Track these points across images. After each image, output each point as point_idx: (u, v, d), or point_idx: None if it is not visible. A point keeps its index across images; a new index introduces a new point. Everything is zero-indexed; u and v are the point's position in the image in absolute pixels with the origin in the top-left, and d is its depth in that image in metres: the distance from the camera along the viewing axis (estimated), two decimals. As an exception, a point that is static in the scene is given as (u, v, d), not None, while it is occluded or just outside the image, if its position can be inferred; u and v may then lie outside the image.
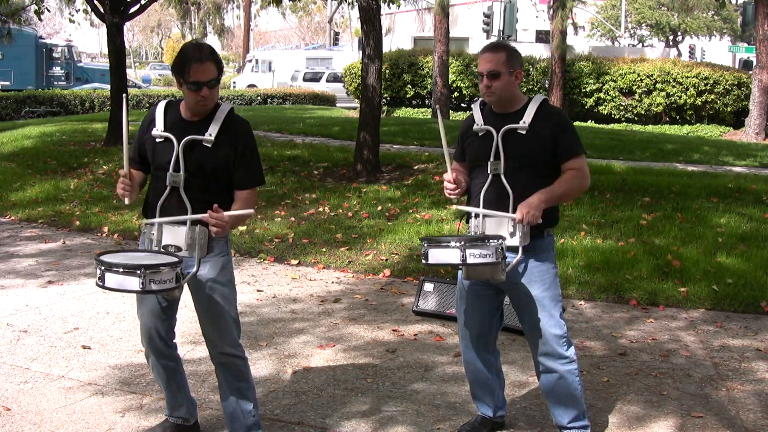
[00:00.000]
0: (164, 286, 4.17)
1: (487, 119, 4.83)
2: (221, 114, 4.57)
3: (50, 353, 6.36)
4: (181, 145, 4.50)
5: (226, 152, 4.53)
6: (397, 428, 5.23)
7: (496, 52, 4.74)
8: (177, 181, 4.50)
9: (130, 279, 4.09)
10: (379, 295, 8.13)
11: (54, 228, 10.89)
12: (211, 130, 4.52)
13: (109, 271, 4.13)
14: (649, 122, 28.09)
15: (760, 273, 8.41)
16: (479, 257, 4.41)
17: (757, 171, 14.17)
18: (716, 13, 64.07)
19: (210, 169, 4.52)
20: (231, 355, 4.72)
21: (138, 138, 4.75)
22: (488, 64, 4.71)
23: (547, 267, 4.79)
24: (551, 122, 4.72)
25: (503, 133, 4.72)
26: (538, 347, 4.83)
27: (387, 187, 12.14)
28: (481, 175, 4.83)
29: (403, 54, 32.44)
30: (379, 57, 12.93)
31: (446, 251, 4.45)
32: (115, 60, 16.37)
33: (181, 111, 4.63)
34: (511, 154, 4.70)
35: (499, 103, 4.81)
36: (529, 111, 4.73)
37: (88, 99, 31.26)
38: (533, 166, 4.72)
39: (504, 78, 4.71)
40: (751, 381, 6.10)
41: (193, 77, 4.39)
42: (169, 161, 4.52)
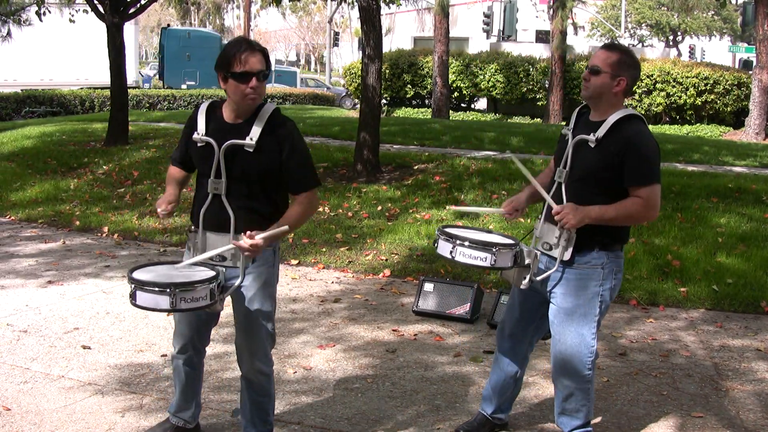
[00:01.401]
0: (197, 304, 4.11)
1: (580, 125, 4.68)
2: (264, 115, 4.34)
3: (50, 353, 6.36)
4: (222, 150, 4.30)
5: (270, 157, 4.31)
6: (396, 428, 5.23)
7: (609, 50, 4.57)
8: (218, 188, 4.34)
9: (161, 298, 4.04)
10: (379, 295, 8.13)
11: (54, 228, 10.89)
12: (252, 134, 4.29)
13: (140, 289, 4.09)
14: (649, 122, 27.93)
15: (760, 273, 8.41)
16: (504, 262, 4.48)
17: (757, 171, 14.16)
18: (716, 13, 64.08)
19: (255, 175, 4.33)
20: (258, 371, 4.63)
21: (182, 139, 4.63)
22: (595, 59, 4.55)
23: (586, 284, 4.61)
24: (622, 141, 4.45)
25: (575, 142, 4.61)
26: (554, 362, 4.77)
27: (387, 187, 12.13)
28: (550, 177, 4.83)
29: (403, 54, 32.44)
30: (379, 57, 12.92)
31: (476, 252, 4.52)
32: (115, 60, 16.36)
33: (224, 113, 4.42)
34: (576, 164, 4.60)
35: (593, 104, 4.64)
36: (605, 124, 4.50)
37: (88, 99, 31.24)
38: (592, 181, 4.55)
39: (604, 78, 4.50)
40: (751, 381, 6.10)
41: (242, 67, 4.21)
42: (210, 167, 4.35)
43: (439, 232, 4.64)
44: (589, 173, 4.54)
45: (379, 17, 13.00)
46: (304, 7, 77.51)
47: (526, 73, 29.38)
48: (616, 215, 4.47)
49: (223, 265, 4.39)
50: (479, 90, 30.39)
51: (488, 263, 4.46)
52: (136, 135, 17.06)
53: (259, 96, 4.27)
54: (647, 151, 4.47)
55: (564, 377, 4.72)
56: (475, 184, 12.08)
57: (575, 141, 4.58)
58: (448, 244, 4.51)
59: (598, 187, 4.54)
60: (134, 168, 13.85)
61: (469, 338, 6.96)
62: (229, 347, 6.53)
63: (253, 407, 4.72)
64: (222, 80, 4.31)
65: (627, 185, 4.46)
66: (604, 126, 4.49)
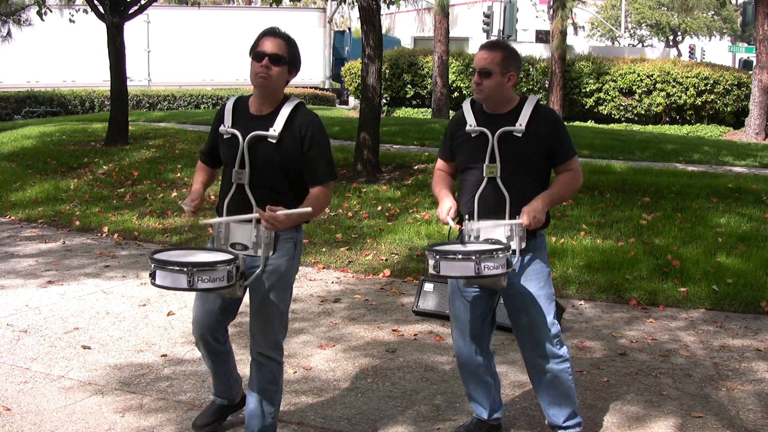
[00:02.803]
0: (214, 284, 4.17)
1: (480, 120, 4.75)
2: (287, 108, 4.50)
3: (50, 353, 6.36)
4: (246, 140, 4.46)
5: (291, 148, 4.46)
6: (396, 428, 5.23)
7: (492, 50, 4.67)
8: (242, 178, 4.49)
9: (179, 276, 4.11)
10: (379, 295, 8.13)
11: (54, 228, 10.90)
12: (276, 126, 4.45)
13: (160, 268, 4.16)
14: (649, 122, 28.09)
15: (760, 273, 8.41)
16: (493, 269, 4.38)
17: (757, 171, 14.16)
18: (716, 13, 64.05)
19: (276, 166, 4.46)
20: (269, 358, 4.68)
21: (211, 132, 4.77)
22: (482, 61, 4.64)
23: (541, 266, 4.78)
24: (547, 125, 4.67)
25: (499, 135, 4.66)
26: (532, 348, 4.83)
27: (387, 187, 12.14)
28: (473, 176, 4.79)
29: (403, 54, 32.44)
30: (379, 57, 12.93)
31: (460, 264, 4.39)
32: (115, 60, 16.36)
33: (249, 106, 4.59)
34: (508, 157, 4.66)
35: (489, 103, 4.74)
36: (524, 113, 4.66)
37: (87, 99, 31.23)
38: (530, 169, 4.70)
39: (496, 78, 4.63)
40: (751, 381, 6.10)
41: (259, 48, 4.41)
42: (234, 157, 4.50)
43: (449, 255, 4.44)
44: (525, 163, 4.67)
45: (379, 17, 13.00)
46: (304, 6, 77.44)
47: (526, 73, 29.39)
48: (561, 195, 4.78)
49: (245, 254, 4.48)
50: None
51: (505, 269, 4.44)
52: (136, 135, 17.06)
53: (269, 77, 4.39)
54: (564, 127, 4.81)
55: (542, 361, 4.81)
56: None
57: (499, 134, 4.65)
58: (470, 262, 4.37)
59: (534, 174, 4.71)
60: (134, 168, 13.85)
61: (469, 338, 6.96)
62: (229, 347, 6.53)
63: (261, 395, 4.71)
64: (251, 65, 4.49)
65: (558, 163, 4.75)
66: (523, 115, 4.65)
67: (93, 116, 24.44)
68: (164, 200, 11.92)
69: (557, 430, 4.95)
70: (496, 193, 4.67)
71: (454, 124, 4.92)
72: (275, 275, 4.54)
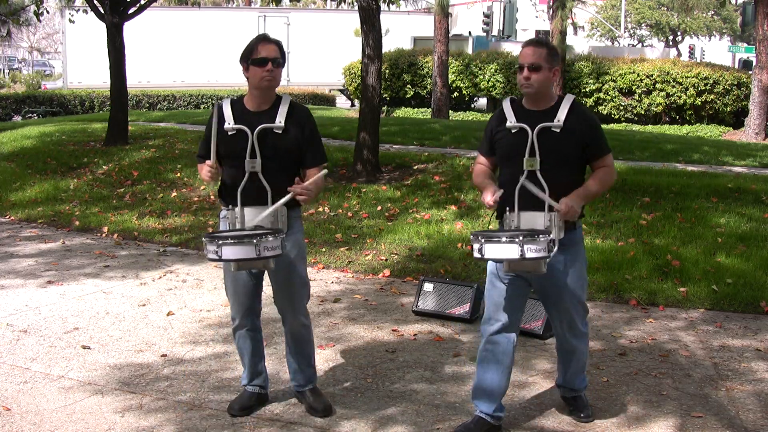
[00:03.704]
0: (274, 252, 4.73)
1: (519, 116, 5.04)
2: (285, 104, 5.13)
3: (50, 353, 6.36)
4: (255, 134, 5.02)
5: (295, 136, 5.09)
6: (396, 428, 5.24)
7: (539, 46, 4.97)
8: (255, 166, 5.02)
9: (248, 248, 4.62)
10: (379, 295, 8.13)
11: (53, 228, 10.90)
12: (279, 118, 5.07)
13: (225, 244, 4.64)
14: (648, 122, 28.08)
15: (759, 273, 8.41)
16: (535, 252, 4.61)
17: (756, 171, 14.15)
18: (716, 13, 64.11)
19: (283, 152, 5.07)
20: (301, 325, 5.37)
21: (207, 136, 5.15)
22: (530, 57, 4.94)
23: (580, 258, 5.12)
24: (583, 122, 4.99)
25: (538, 130, 4.94)
26: (568, 329, 5.23)
27: (387, 187, 12.13)
28: (512, 170, 5.03)
29: (402, 54, 32.43)
30: (379, 57, 12.92)
31: (504, 247, 4.63)
32: (115, 60, 16.37)
33: (246, 105, 5.15)
34: (547, 151, 4.94)
35: (534, 97, 5.02)
36: (562, 110, 4.97)
37: (87, 99, 31.25)
38: (566, 163, 4.99)
39: (544, 72, 4.93)
40: (751, 381, 6.10)
41: (261, 54, 4.98)
42: (244, 149, 5.03)
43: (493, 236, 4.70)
44: (563, 157, 4.96)
45: (378, 17, 13.00)
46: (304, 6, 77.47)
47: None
48: (597, 190, 5.08)
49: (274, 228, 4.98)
50: (479, 90, 30.39)
51: (547, 253, 4.68)
52: (136, 135, 17.06)
53: (273, 79, 5.02)
54: (600, 125, 5.16)
55: (572, 338, 5.25)
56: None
57: (538, 130, 4.93)
58: (514, 245, 4.60)
59: (571, 167, 5.02)
60: (134, 168, 13.85)
61: (469, 338, 6.96)
62: (229, 347, 6.54)
63: (300, 358, 5.44)
64: (245, 69, 5.08)
65: (593, 159, 5.07)
66: (561, 112, 4.97)
67: (92, 116, 24.44)
68: (164, 200, 11.92)
69: (570, 390, 5.45)
70: (536, 185, 4.91)
71: (494, 121, 5.20)
72: (295, 248, 5.18)
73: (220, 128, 5.07)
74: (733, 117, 28.14)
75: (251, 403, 5.44)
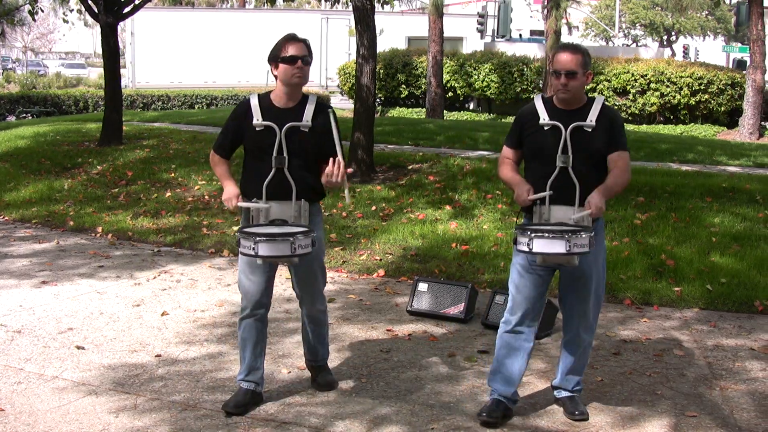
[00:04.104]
0: (305, 250, 5.00)
1: (552, 114, 5.27)
2: (311, 102, 5.36)
3: (44, 354, 6.35)
4: (283, 131, 5.23)
5: (321, 134, 5.31)
6: (391, 428, 5.24)
7: (574, 53, 5.19)
8: (282, 162, 5.23)
9: (281, 246, 4.91)
10: (373, 295, 8.13)
11: (48, 228, 10.88)
12: (306, 117, 5.29)
13: (263, 242, 4.91)
14: (643, 122, 28.10)
15: (753, 272, 8.42)
16: (580, 248, 4.90)
17: (751, 171, 14.17)
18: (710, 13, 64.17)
19: (309, 150, 5.29)
20: (319, 311, 5.70)
21: (232, 129, 5.43)
22: (568, 64, 5.15)
23: (602, 248, 5.38)
24: (611, 121, 5.23)
25: (572, 129, 5.18)
26: (581, 322, 5.39)
27: (381, 187, 12.13)
28: (542, 165, 5.24)
29: (397, 54, 32.44)
30: (374, 57, 12.92)
31: (553, 242, 4.88)
32: (109, 60, 16.35)
33: (273, 101, 5.35)
34: (579, 149, 5.17)
35: (569, 101, 5.24)
36: (593, 110, 5.22)
37: (81, 99, 31.22)
38: (596, 161, 5.21)
39: (579, 78, 5.17)
40: (745, 380, 6.11)
41: (289, 52, 5.19)
42: (271, 146, 5.23)
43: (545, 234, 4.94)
44: (593, 155, 5.19)
45: (373, 17, 13.00)
46: (298, 6, 77.46)
47: (520, 73, 29.39)
48: (618, 186, 5.24)
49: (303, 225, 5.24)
50: (473, 90, 30.40)
51: (587, 248, 4.95)
52: (130, 135, 17.04)
53: (303, 76, 5.24)
54: (623, 124, 5.37)
55: (584, 333, 5.42)
56: (469, 184, 12.08)
57: (571, 128, 5.17)
58: (562, 240, 4.87)
59: (599, 165, 5.22)
60: (128, 168, 13.83)
61: (464, 338, 6.96)
62: (223, 347, 6.54)
63: (315, 337, 5.77)
64: (274, 68, 5.27)
65: (610, 151, 5.21)
66: (593, 112, 5.21)
67: (87, 116, 24.40)
68: (158, 200, 11.91)
69: (565, 391, 5.52)
70: (567, 181, 5.16)
71: (525, 116, 5.41)
72: (317, 240, 5.28)
73: (248, 123, 5.30)
74: (728, 117, 28.19)
75: (246, 400, 5.44)
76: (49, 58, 73.90)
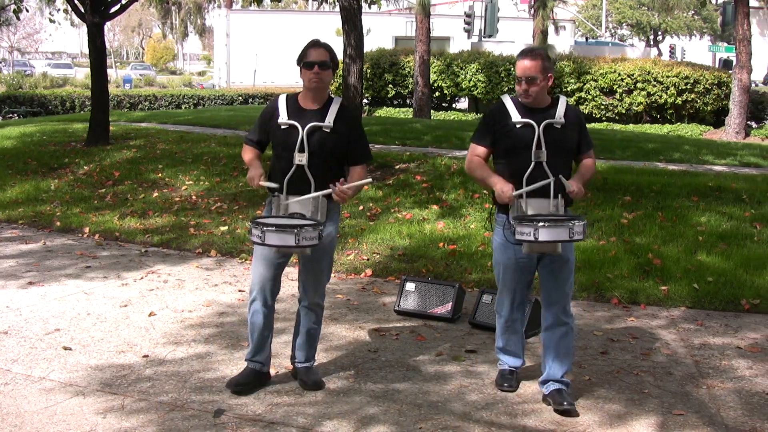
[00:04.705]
0: (310, 242, 5.26)
1: (523, 113, 5.56)
2: (335, 105, 5.65)
3: (31, 354, 6.33)
4: (305, 130, 5.53)
5: (341, 136, 5.61)
6: (379, 428, 5.24)
7: (534, 59, 5.48)
8: (302, 159, 5.52)
9: (288, 236, 5.19)
10: (361, 295, 8.13)
11: (34, 229, 10.85)
12: (329, 118, 5.58)
13: (269, 232, 5.21)
14: (629, 121, 28.16)
15: (740, 271, 8.45)
16: (579, 234, 5.27)
17: (737, 170, 14.21)
18: (696, 13, 64.39)
19: (329, 150, 5.57)
20: (318, 305, 5.90)
21: (260, 125, 5.78)
22: (527, 70, 5.46)
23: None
24: (577, 119, 5.64)
25: (544, 126, 5.50)
26: (561, 306, 5.65)
27: (368, 187, 12.13)
28: (518, 161, 5.53)
29: (384, 54, 32.43)
30: (361, 57, 12.93)
31: (557, 230, 5.23)
32: (96, 60, 16.30)
33: (300, 102, 5.67)
34: (551, 144, 5.49)
35: (532, 103, 5.54)
36: (560, 108, 5.57)
37: (68, 99, 31.14)
38: (566, 154, 5.62)
39: (540, 83, 5.47)
40: (732, 379, 6.13)
41: (310, 58, 5.53)
42: (294, 143, 5.53)
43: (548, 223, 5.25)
44: (564, 149, 5.57)
45: (360, 17, 13.00)
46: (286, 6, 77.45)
47: (507, 73, 29.40)
48: (589, 177, 5.69)
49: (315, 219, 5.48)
50: (460, 89, 30.41)
51: (582, 235, 5.34)
52: (117, 135, 17.00)
53: (320, 80, 5.54)
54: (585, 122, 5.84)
55: (564, 316, 5.66)
56: (456, 183, 12.09)
57: (544, 125, 5.50)
58: (564, 228, 5.24)
59: (568, 158, 5.66)
60: (115, 168, 13.80)
61: (451, 337, 6.97)
62: (211, 347, 6.53)
63: (306, 337, 5.92)
64: (300, 71, 5.62)
65: (583, 152, 5.70)
66: (560, 110, 5.57)
67: (73, 116, 24.33)
68: (145, 200, 11.89)
69: (553, 383, 5.62)
70: (542, 175, 5.47)
71: (496, 115, 5.69)
72: (328, 238, 5.66)
73: (275, 121, 5.63)
74: (714, 116, 28.26)
75: (249, 379, 5.75)
76: (35, 58, 73.73)
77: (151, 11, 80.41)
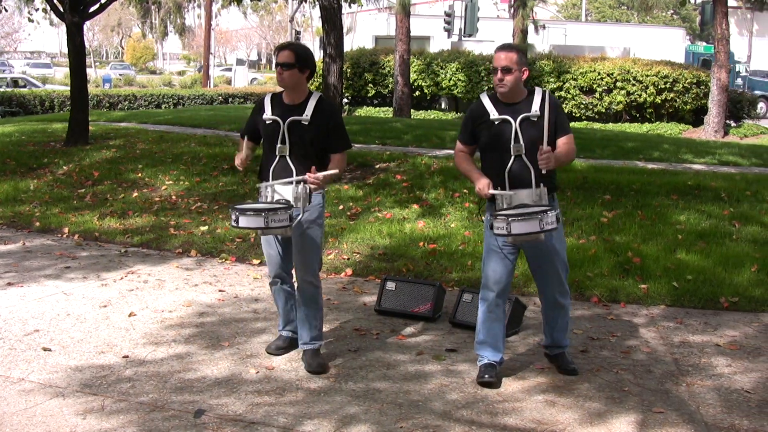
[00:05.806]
0: (280, 224, 5.68)
1: (500, 109, 5.86)
2: (314, 100, 6.10)
3: (10, 356, 6.30)
4: (285, 124, 6.02)
5: (319, 127, 6.05)
6: (359, 427, 5.24)
7: (509, 51, 5.83)
8: (284, 150, 6.03)
9: (257, 219, 5.66)
10: (341, 295, 8.13)
11: (13, 229, 10.79)
12: (307, 112, 6.04)
13: (242, 214, 5.69)
14: (609, 120, 28.28)
15: (719, 269, 8.49)
16: (551, 224, 5.48)
17: (715, 168, 14.28)
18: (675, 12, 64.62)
19: (308, 141, 6.03)
20: (309, 282, 6.17)
21: (252, 119, 6.31)
22: (503, 61, 5.77)
23: (560, 222, 5.82)
24: (553, 109, 5.79)
25: (520, 120, 5.77)
26: (556, 287, 6.04)
27: (348, 186, 12.13)
28: (497, 155, 5.84)
29: (364, 53, 32.44)
30: (341, 56, 12.93)
31: (528, 223, 5.45)
32: (75, 60, 16.24)
33: (283, 99, 6.16)
34: (529, 137, 5.75)
35: (508, 94, 5.83)
36: (536, 101, 5.83)
37: (47, 99, 31.01)
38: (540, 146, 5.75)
39: (515, 74, 5.76)
40: (711, 376, 6.16)
41: (276, 60, 6.04)
42: (277, 136, 6.04)
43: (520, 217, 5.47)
44: (541, 140, 5.71)
45: (340, 17, 13.00)
46: (266, 6, 77.25)
47: (487, 72, 29.43)
48: (565, 158, 5.90)
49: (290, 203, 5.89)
50: (441, 89, 30.44)
51: (555, 225, 5.57)
52: (97, 135, 16.94)
53: (283, 80, 6.02)
54: (563, 109, 6.08)
55: (561, 297, 6.07)
56: (437, 182, 12.10)
57: (520, 120, 5.78)
58: (534, 221, 5.44)
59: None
60: (95, 168, 13.75)
61: (432, 337, 6.97)
62: (191, 348, 6.52)
63: (306, 310, 6.20)
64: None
65: (560, 136, 5.85)
66: (535, 103, 5.83)
67: (53, 116, 24.22)
68: (125, 200, 11.85)
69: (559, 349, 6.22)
70: (522, 167, 5.76)
71: (475, 113, 6.02)
72: (311, 218, 6.10)
73: (261, 117, 6.14)
74: (693, 115, 28.42)
75: (286, 344, 6.50)
76: (14, 57, 73.35)
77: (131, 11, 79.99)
